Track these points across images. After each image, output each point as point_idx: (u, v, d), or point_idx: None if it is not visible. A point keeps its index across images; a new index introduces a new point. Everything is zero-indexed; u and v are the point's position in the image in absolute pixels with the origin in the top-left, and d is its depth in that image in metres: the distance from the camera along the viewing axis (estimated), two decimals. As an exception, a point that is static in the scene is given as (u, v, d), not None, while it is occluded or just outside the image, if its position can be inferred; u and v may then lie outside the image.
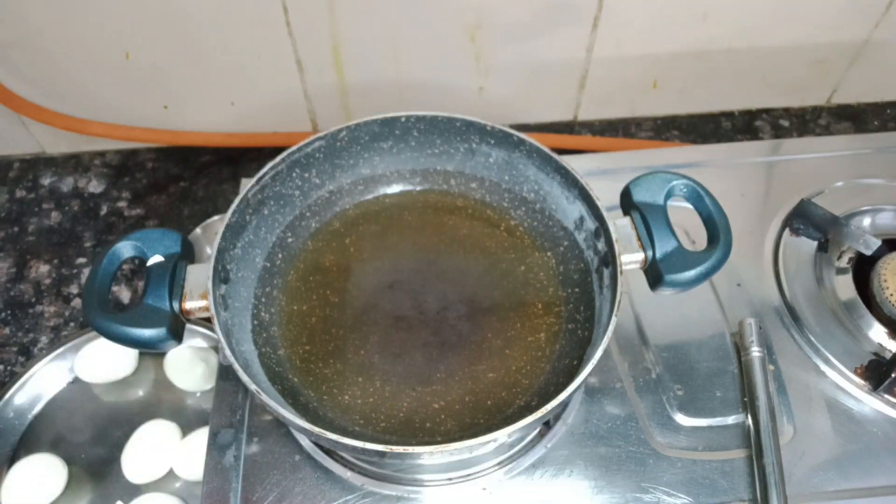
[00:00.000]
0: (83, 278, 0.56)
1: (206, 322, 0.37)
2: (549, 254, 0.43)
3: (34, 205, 0.61)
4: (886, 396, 0.41)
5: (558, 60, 0.59)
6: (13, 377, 0.48)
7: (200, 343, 0.50)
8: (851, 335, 0.44)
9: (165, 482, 0.45)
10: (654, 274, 0.36)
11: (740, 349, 0.43)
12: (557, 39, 0.57)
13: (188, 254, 0.37)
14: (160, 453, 0.44)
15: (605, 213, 0.37)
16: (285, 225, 0.43)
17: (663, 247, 0.36)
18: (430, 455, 0.31)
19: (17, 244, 0.59)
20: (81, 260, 0.58)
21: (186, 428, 0.46)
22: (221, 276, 0.37)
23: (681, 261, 0.36)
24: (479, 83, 0.61)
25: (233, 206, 0.38)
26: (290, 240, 0.43)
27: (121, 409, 0.48)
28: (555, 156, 0.40)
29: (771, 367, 0.42)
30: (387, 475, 0.39)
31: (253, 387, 0.32)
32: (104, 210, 0.61)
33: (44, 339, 0.53)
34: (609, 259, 0.37)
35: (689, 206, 0.38)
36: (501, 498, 0.38)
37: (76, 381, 0.49)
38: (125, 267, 0.56)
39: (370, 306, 0.41)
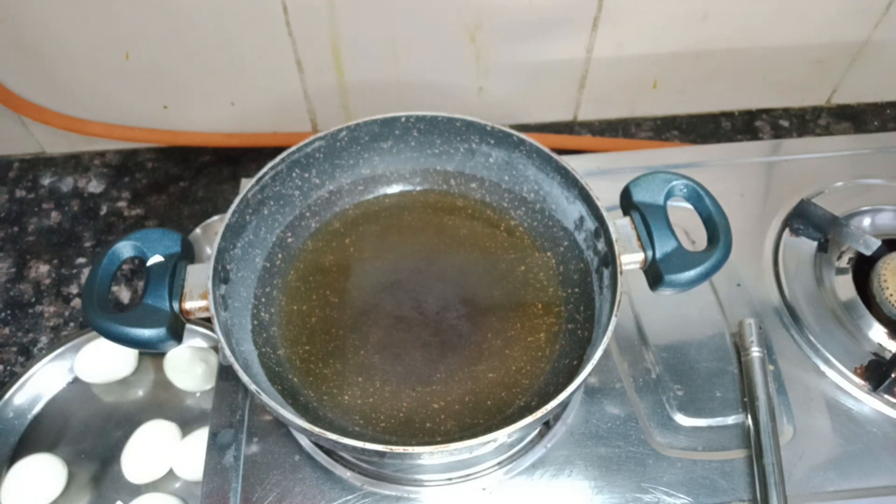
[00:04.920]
0: (83, 278, 0.56)
1: (206, 322, 0.37)
2: (548, 254, 0.43)
3: (34, 205, 0.61)
4: (886, 396, 0.41)
5: (558, 60, 0.59)
6: (13, 377, 0.48)
7: (200, 343, 0.50)
8: (851, 335, 0.44)
9: (165, 482, 0.45)
10: (654, 274, 0.36)
11: (740, 349, 0.43)
12: (557, 39, 0.57)
13: (188, 254, 0.36)
14: (160, 453, 0.44)
15: (604, 214, 0.37)
16: (285, 225, 0.43)
17: (663, 247, 0.36)
18: (429, 455, 0.31)
19: (17, 244, 0.59)
20: (81, 260, 0.58)
21: (186, 428, 0.46)
22: (221, 276, 0.37)
23: (681, 261, 0.36)
24: (479, 83, 0.61)
25: (233, 206, 0.38)
26: (289, 240, 0.43)
27: (120, 409, 0.48)
28: (555, 156, 0.40)
29: (771, 368, 0.42)
30: (387, 475, 0.39)
31: (253, 387, 0.32)
32: (104, 210, 0.61)
33: (43, 340, 0.53)
34: (609, 259, 0.37)
35: (689, 206, 0.38)
36: (501, 498, 0.38)
37: (76, 381, 0.49)
38: (125, 267, 0.56)
39: (370, 306, 0.41)
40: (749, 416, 0.40)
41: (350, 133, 0.42)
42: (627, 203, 0.38)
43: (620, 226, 0.37)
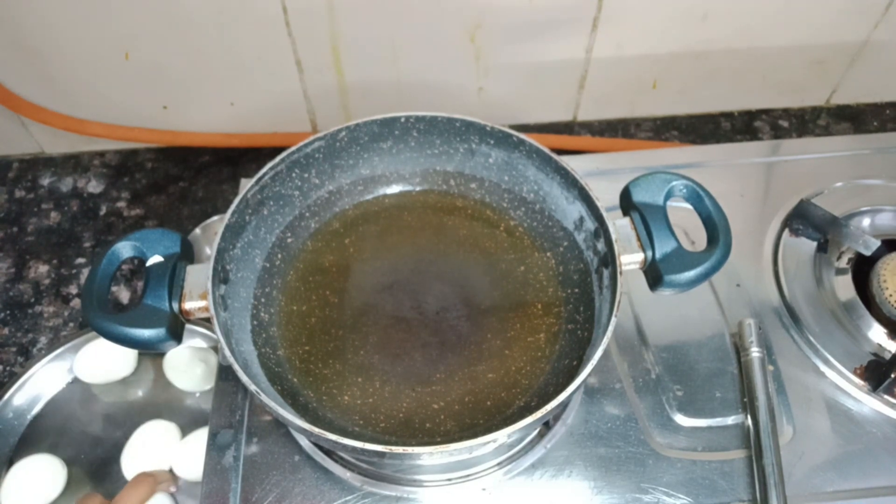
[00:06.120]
0: (82, 278, 0.56)
1: (206, 322, 0.37)
2: (548, 254, 0.43)
3: (33, 205, 0.61)
4: (886, 397, 0.41)
5: (558, 61, 0.59)
6: (12, 377, 0.48)
7: (200, 343, 0.50)
8: (851, 335, 0.44)
9: (165, 482, 0.45)
10: (654, 274, 0.36)
11: (740, 350, 0.43)
12: (557, 40, 0.57)
13: (187, 254, 0.36)
14: (159, 453, 0.44)
15: (604, 214, 0.37)
16: (285, 225, 0.43)
17: (663, 247, 0.36)
18: (429, 455, 0.31)
19: (17, 244, 0.59)
20: (81, 260, 0.58)
21: (186, 428, 0.46)
22: (221, 276, 0.37)
23: (680, 261, 0.36)
24: (479, 83, 0.61)
25: (232, 207, 0.38)
26: (289, 240, 0.43)
27: (120, 409, 0.48)
28: (554, 156, 0.40)
29: (770, 368, 0.42)
30: (386, 476, 0.39)
31: (252, 387, 0.32)
32: (103, 210, 0.61)
33: (43, 340, 0.53)
34: (609, 259, 0.37)
35: (689, 206, 0.38)
36: (501, 498, 0.38)
37: (75, 381, 0.49)
38: (124, 267, 0.56)
39: (370, 307, 0.41)
40: (749, 417, 0.40)
41: (350, 133, 0.42)
42: (627, 203, 0.38)
43: (620, 226, 0.37)
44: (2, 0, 0.50)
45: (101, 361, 0.48)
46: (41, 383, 0.49)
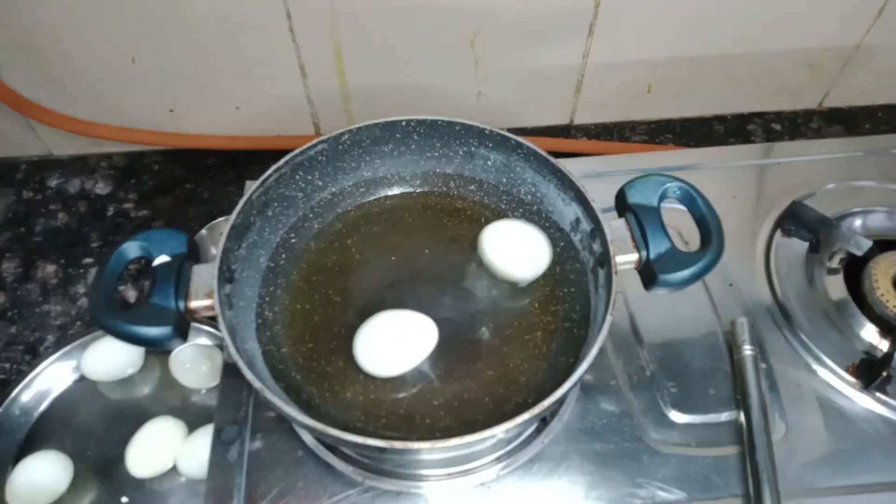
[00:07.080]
0: (90, 278, 0.57)
1: (212, 321, 0.38)
2: (546, 254, 0.44)
3: (41, 206, 0.62)
4: (877, 394, 0.42)
5: (555, 66, 0.60)
6: (20, 375, 0.49)
7: (205, 341, 0.51)
8: (843, 334, 0.45)
9: (170, 477, 0.45)
10: (648, 274, 0.37)
11: (733, 348, 0.44)
12: (554, 45, 0.58)
13: (194, 254, 0.37)
14: (165, 449, 0.45)
15: (600, 215, 0.38)
16: (288, 226, 0.44)
17: (657, 247, 0.37)
18: (429, 451, 0.31)
19: (25, 244, 0.60)
20: (88, 260, 0.59)
21: (191, 424, 0.46)
22: (226, 275, 0.38)
23: (674, 261, 0.36)
24: (478, 88, 0.62)
25: (237, 208, 0.39)
26: (293, 240, 0.44)
27: (126, 406, 0.49)
28: (551, 159, 0.41)
29: (763, 366, 0.43)
30: (387, 470, 0.39)
31: (257, 384, 0.32)
32: (111, 211, 0.62)
33: (50, 338, 0.54)
34: (604, 259, 0.38)
35: (683, 207, 0.39)
36: (499, 492, 0.39)
37: (82, 379, 0.50)
38: (132, 267, 0.57)
39: (371, 305, 0.42)
40: (741, 414, 0.41)
41: (352, 136, 0.43)
42: (622, 205, 0.39)
43: (615, 227, 0.38)
44: (10, 5, 0.51)
45: (108, 359, 0.49)
46: (48, 381, 0.49)
